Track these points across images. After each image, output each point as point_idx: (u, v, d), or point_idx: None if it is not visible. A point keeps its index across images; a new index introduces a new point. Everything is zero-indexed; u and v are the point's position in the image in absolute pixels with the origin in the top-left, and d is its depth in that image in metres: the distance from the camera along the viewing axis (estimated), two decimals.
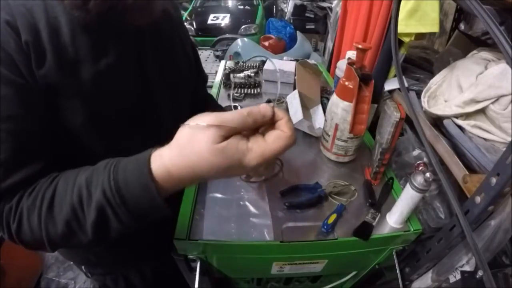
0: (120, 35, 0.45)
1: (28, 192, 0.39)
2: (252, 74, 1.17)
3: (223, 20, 3.54)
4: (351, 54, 0.80)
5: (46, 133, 0.43)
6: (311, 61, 1.14)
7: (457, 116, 0.59)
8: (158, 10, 0.46)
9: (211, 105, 0.78)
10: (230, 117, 0.33)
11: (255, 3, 4.10)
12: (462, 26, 1.08)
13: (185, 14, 3.61)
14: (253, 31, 3.42)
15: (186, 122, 0.35)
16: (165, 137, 0.59)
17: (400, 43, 0.75)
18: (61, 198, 0.37)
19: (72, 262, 0.77)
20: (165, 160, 0.35)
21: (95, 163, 0.47)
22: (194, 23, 3.50)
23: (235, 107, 0.95)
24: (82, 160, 0.50)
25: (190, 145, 0.33)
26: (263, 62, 1.21)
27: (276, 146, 0.33)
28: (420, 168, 0.66)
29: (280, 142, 0.34)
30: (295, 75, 1.01)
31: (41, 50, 0.39)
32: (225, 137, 0.33)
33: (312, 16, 2.93)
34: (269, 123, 0.36)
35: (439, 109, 0.62)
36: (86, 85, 0.43)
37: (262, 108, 0.35)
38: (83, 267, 0.72)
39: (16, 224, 0.38)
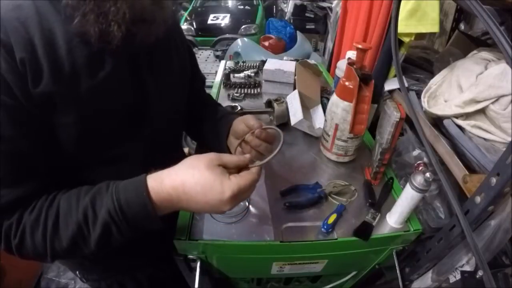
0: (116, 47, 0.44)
1: (28, 210, 0.42)
2: (252, 74, 1.17)
3: (223, 20, 3.54)
4: (351, 54, 0.80)
5: (40, 151, 0.43)
6: (311, 61, 1.14)
7: (457, 116, 0.59)
8: (163, 30, 0.47)
9: (211, 106, 0.77)
10: (225, 154, 0.45)
11: (255, 3, 4.10)
12: (462, 26, 1.08)
13: (185, 14, 3.61)
14: (253, 31, 3.42)
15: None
16: (161, 141, 0.60)
17: (400, 43, 0.75)
18: (66, 217, 0.42)
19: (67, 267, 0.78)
20: (163, 173, 0.43)
21: (91, 174, 0.51)
22: (194, 23, 3.49)
23: (235, 107, 0.95)
24: (78, 172, 0.50)
25: (191, 162, 0.43)
26: (263, 62, 1.21)
27: (246, 178, 0.43)
28: (420, 168, 0.66)
29: (249, 176, 0.44)
30: (295, 75, 1.01)
31: (38, 66, 0.39)
32: (219, 165, 0.43)
33: (312, 16, 2.94)
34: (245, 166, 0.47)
35: (439, 109, 0.62)
36: (84, 98, 0.43)
37: (246, 155, 0.48)
38: (77, 272, 0.72)
39: (18, 240, 0.41)
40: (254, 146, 0.57)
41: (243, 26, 3.45)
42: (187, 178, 0.41)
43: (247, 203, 0.64)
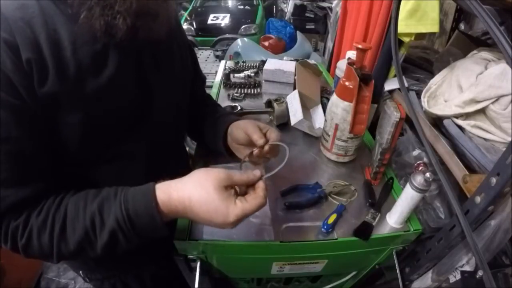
0: (119, 44, 0.44)
1: (36, 212, 0.42)
2: (252, 74, 1.17)
3: (223, 20, 3.54)
4: (351, 54, 0.80)
5: (45, 151, 0.43)
6: (311, 61, 1.14)
7: (457, 116, 0.59)
8: (167, 26, 0.47)
9: (210, 105, 0.77)
10: (233, 172, 0.44)
11: (255, 3, 4.10)
12: (462, 26, 1.08)
13: (185, 14, 3.61)
14: (253, 31, 3.42)
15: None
16: (163, 139, 0.60)
17: (400, 43, 0.75)
18: (73, 221, 0.42)
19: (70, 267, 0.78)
20: (171, 186, 0.43)
21: (95, 172, 0.51)
22: (194, 23, 3.49)
23: (235, 107, 0.95)
24: (82, 170, 0.50)
25: (201, 179, 0.43)
26: (263, 62, 1.21)
27: (253, 202, 0.43)
28: (420, 168, 0.66)
29: (255, 201, 0.43)
30: (295, 75, 1.01)
31: (44, 66, 0.39)
32: (227, 186, 0.43)
33: (312, 16, 2.94)
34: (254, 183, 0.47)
35: (439, 109, 0.62)
36: (89, 98, 0.43)
37: (255, 171, 0.46)
38: (80, 272, 0.72)
39: (25, 241, 0.42)
40: (262, 155, 0.59)
41: (243, 26, 3.45)
42: (194, 196, 0.42)
43: None
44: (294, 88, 0.96)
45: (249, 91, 1.06)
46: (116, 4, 0.39)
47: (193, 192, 0.42)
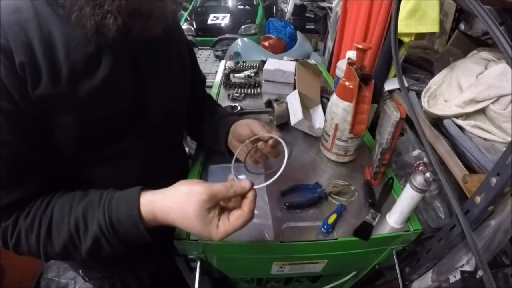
0: (113, 44, 0.43)
1: (24, 214, 0.43)
2: (252, 74, 1.17)
3: (223, 20, 3.54)
4: (351, 54, 0.80)
5: (38, 153, 0.43)
6: (311, 61, 1.14)
7: (457, 116, 0.59)
8: (162, 25, 0.46)
9: (210, 106, 0.77)
10: (217, 189, 0.42)
11: (255, 3, 4.10)
12: (462, 26, 1.08)
13: (185, 14, 3.61)
14: (253, 31, 3.42)
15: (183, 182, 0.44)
16: (160, 139, 0.60)
17: (400, 43, 0.75)
18: (58, 225, 0.43)
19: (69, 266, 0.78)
20: (155, 206, 0.43)
21: (91, 172, 0.51)
22: (194, 23, 3.49)
23: (235, 107, 0.95)
24: (77, 170, 0.50)
25: (182, 203, 0.42)
26: (263, 62, 1.21)
27: (236, 223, 0.42)
28: (420, 168, 0.66)
29: (239, 221, 0.42)
30: (295, 75, 1.01)
31: (37, 69, 0.39)
32: (210, 207, 0.41)
33: (312, 16, 2.94)
34: (242, 195, 0.45)
35: (439, 109, 0.62)
36: (83, 100, 0.43)
37: (243, 183, 0.44)
38: (80, 271, 0.72)
39: (14, 242, 0.43)
40: (265, 152, 0.60)
41: (243, 26, 3.45)
42: (178, 220, 0.42)
43: None
44: (294, 88, 0.96)
45: (249, 91, 1.06)
46: (106, 3, 0.39)
47: (176, 216, 0.42)
